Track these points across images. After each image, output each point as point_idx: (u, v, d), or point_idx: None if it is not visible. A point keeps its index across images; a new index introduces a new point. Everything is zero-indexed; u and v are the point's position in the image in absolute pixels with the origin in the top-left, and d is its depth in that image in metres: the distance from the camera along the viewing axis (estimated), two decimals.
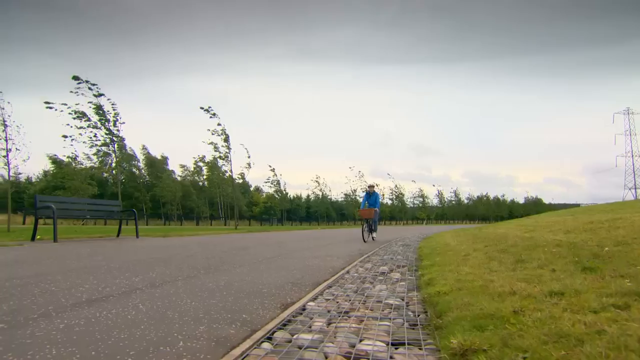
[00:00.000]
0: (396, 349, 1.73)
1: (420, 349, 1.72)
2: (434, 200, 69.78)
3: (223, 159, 18.19)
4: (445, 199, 71.78)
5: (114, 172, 14.16)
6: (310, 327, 2.01)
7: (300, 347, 1.70)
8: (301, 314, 2.31)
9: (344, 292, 3.04)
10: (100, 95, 11.12)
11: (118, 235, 8.83)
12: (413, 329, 2.02)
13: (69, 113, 10.97)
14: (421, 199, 65.34)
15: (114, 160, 12.83)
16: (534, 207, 79.29)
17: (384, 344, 1.76)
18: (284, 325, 2.04)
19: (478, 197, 78.73)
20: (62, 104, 10.91)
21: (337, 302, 2.65)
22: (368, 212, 10.01)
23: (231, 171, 18.54)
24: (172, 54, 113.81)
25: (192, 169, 43.20)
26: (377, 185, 18.38)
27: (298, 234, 14.29)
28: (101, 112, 11.26)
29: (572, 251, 3.49)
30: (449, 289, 2.63)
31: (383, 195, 56.12)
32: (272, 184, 38.43)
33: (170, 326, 1.92)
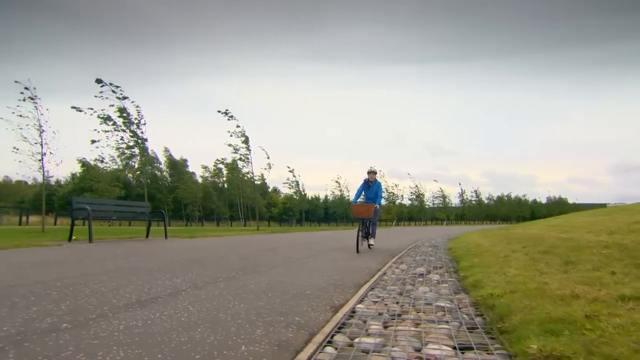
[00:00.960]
0: (463, 353, 1.66)
1: (489, 353, 1.64)
2: (454, 201, 68.60)
3: (243, 161, 18.36)
4: (466, 199, 70.47)
5: (139, 173, 14.49)
6: (367, 330, 1.96)
7: (365, 352, 1.66)
8: (352, 316, 2.27)
9: (389, 294, 2.98)
10: (125, 98, 11.38)
11: (147, 236, 9.00)
12: (474, 332, 1.95)
13: (98, 117, 11.24)
14: (442, 199, 64.33)
15: (138, 162, 13.06)
16: (557, 207, 76.79)
17: (450, 348, 1.70)
18: (340, 328, 2.00)
19: (499, 197, 76.92)
20: (89, 108, 11.22)
21: (386, 305, 2.59)
22: (365, 210, 6.67)
23: (252, 172, 18.73)
24: (188, 58, 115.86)
25: (212, 171, 43.86)
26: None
27: (321, 234, 14.26)
28: (125, 114, 11.47)
29: (626, 253, 3.32)
30: (501, 292, 2.53)
31: (401, 196, 55.34)
32: (291, 184, 38.54)
33: (226, 329, 1.91)
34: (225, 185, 43.22)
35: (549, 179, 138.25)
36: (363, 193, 7.29)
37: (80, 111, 11.11)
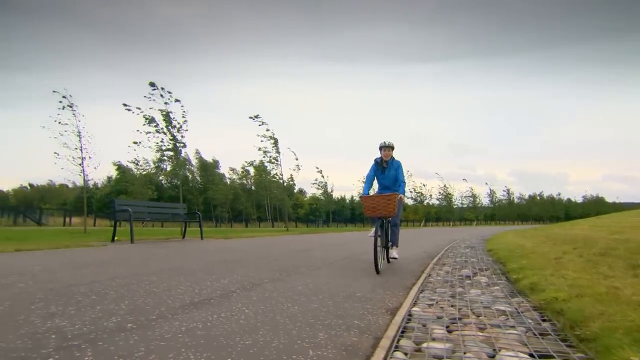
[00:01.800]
0: None
1: None
2: (484, 200, 66.49)
3: (272, 163, 18.55)
4: (497, 199, 68.11)
5: (173, 175, 14.91)
6: (432, 335, 1.89)
7: (437, 358, 1.58)
8: (410, 320, 2.20)
9: (440, 296, 2.88)
10: (177, 101, 11.77)
11: (183, 237, 9.22)
12: (546, 338, 1.84)
13: (143, 117, 11.68)
14: (471, 199, 62.55)
15: (171, 165, 13.44)
16: (595, 206, 72.83)
17: (527, 356, 1.60)
18: (403, 332, 1.94)
19: (530, 196, 73.84)
20: (137, 107, 11.68)
21: (442, 308, 2.51)
22: (384, 203, 4.17)
23: (281, 174, 18.88)
24: (215, 62, 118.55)
25: (241, 173, 44.56)
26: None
27: (350, 235, 14.17)
28: (168, 118, 11.85)
29: None
30: (566, 296, 2.39)
31: (429, 196, 54.06)
32: (319, 185, 38.54)
33: (287, 332, 1.88)
34: (253, 187, 43.83)
35: (582, 177, 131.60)
36: (375, 180, 4.92)
37: (130, 109, 11.57)
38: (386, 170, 4.82)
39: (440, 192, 54.67)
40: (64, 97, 11.59)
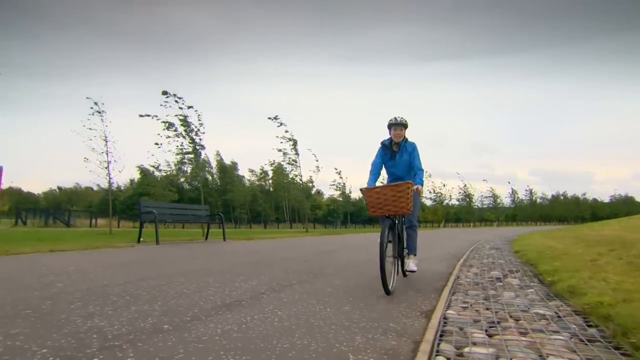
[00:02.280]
0: None
1: None
2: (505, 200, 64.87)
3: (291, 164, 18.64)
4: (518, 198, 66.31)
5: (193, 177, 15.20)
6: (472, 339, 1.83)
7: None
8: (446, 323, 2.14)
9: (474, 299, 2.81)
10: (190, 107, 12.07)
11: (206, 238, 9.34)
12: (596, 345, 1.75)
13: (161, 122, 12.00)
14: (492, 199, 61.19)
15: (191, 169, 13.70)
16: (624, 206, 70.00)
17: None
18: (441, 336, 1.88)
19: (553, 196, 71.59)
20: (154, 115, 12.00)
21: (477, 311, 2.43)
22: (393, 197, 3.17)
23: (300, 175, 18.96)
24: (233, 65, 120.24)
25: (259, 174, 45.02)
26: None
27: (371, 237, 14.07)
28: (186, 122, 12.10)
29: None
30: (611, 300, 2.28)
31: (449, 196, 53.00)
32: (337, 186, 38.47)
33: (324, 335, 1.86)
34: (271, 189, 44.17)
35: (608, 176, 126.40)
36: (383, 168, 3.89)
37: (148, 116, 11.90)
38: (397, 155, 3.73)
39: (460, 192, 53.78)
40: (95, 103, 12.02)
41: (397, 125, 3.69)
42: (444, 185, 51.40)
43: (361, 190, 3.36)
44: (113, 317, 2.09)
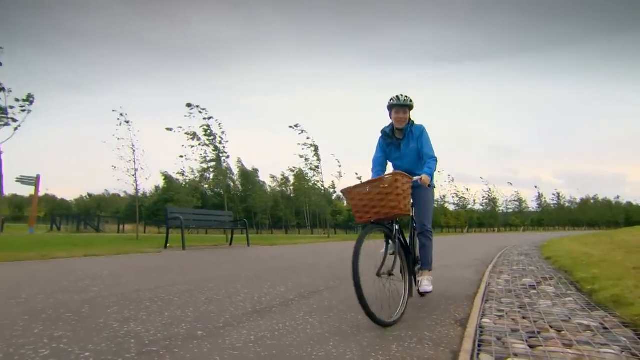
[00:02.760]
0: None
1: None
2: (531, 205, 62.72)
3: (313, 170, 18.66)
4: (545, 202, 63.94)
5: (216, 184, 15.46)
6: (512, 350, 1.76)
7: None
8: (483, 332, 2.07)
9: (509, 307, 2.71)
10: (210, 117, 12.42)
11: (230, 244, 9.45)
12: None
13: (185, 133, 12.33)
14: (517, 204, 59.30)
15: (214, 175, 13.96)
16: None
17: None
18: (480, 346, 1.82)
19: (582, 200, 68.67)
20: (179, 127, 12.37)
21: (513, 320, 2.34)
22: (378, 195, 2.43)
23: (322, 181, 18.95)
24: (254, 73, 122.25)
25: (280, 180, 45.44)
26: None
27: None
28: (209, 131, 12.39)
29: None
30: None
31: (473, 201, 51.67)
32: None
33: (359, 344, 1.83)
34: (292, 194, 44.43)
35: None
36: (385, 156, 3.14)
37: (171, 130, 12.25)
38: (402, 143, 2.97)
39: (484, 197, 52.45)
40: (121, 114, 12.48)
41: (399, 107, 2.89)
42: (467, 190, 50.21)
43: (342, 192, 2.68)
44: (148, 322, 2.12)
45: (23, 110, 6.81)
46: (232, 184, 39.64)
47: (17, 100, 6.79)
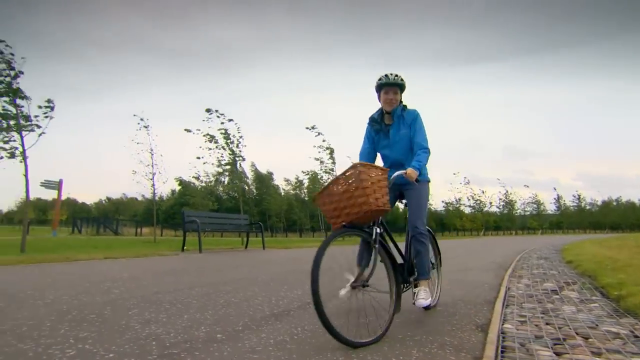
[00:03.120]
0: None
1: None
2: (550, 207, 61.07)
3: (328, 173, 18.67)
4: (565, 205, 62.16)
5: (231, 187, 15.66)
6: (537, 357, 1.71)
7: None
8: (505, 338, 2.02)
9: (531, 313, 2.64)
10: (230, 120, 12.59)
11: (246, 247, 9.52)
12: None
13: (203, 135, 12.54)
14: (535, 206, 57.92)
15: (234, 177, 14.10)
16: None
17: None
18: (503, 352, 1.78)
19: (604, 202, 66.50)
20: (197, 129, 12.58)
21: (536, 326, 2.29)
22: (346, 194, 2.09)
23: None
24: (267, 77, 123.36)
25: (294, 184, 45.51)
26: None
27: None
28: (227, 135, 12.57)
29: None
30: None
31: (489, 203, 50.68)
32: None
33: (379, 349, 1.81)
34: (306, 198, 44.49)
35: None
36: (371, 145, 2.76)
37: (190, 131, 12.46)
38: (391, 129, 2.58)
39: (500, 199, 51.48)
40: (141, 119, 12.77)
41: (389, 87, 2.52)
42: (484, 192, 49.36)
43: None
44: (168, 324, 2.15)
45: (46, 117, 7.03)
46: (246, 187, 40.00)
47: (39, 107, 7.01)
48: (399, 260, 2.40)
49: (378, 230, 2.17)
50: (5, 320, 2.13)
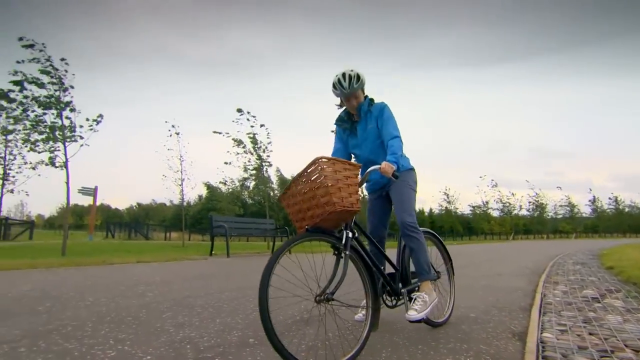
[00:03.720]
0: None
1: None
2: (584, 209, 58.28)
3: None
4: (601, 207, 59.07)
5: (261, 193, 15.81)
6: None
7: None
8: (544, 348, 1.94)
9: (571, 322, 2.52)
10: (262, 126, 12.85)
11: (272, 251, 9.60)
12: None
13: (232, 139, 12.83)
14: (569, 209, 55.47)
15: (259, 182, 14.30)
16: None
17: None
18: None
19: None
20: (226, 132, 12.89)
21: (579, 336, 2.18)
22: (309, 193, 1.86)
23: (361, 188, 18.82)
24: (290, 82, 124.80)
25: None
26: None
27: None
28: (255, 140, 12.79)
29: None
30: None
31: (519, 206, 48.79)
32: None
33: (412, 356, 1.78)
34: None
35: None
36: (340, 141, 2.54)
37: (220, 133, 12.80)
38: (358, 127, 2.40)
39: (530, 202, 49.67)
40: (172, 126, 13.22)
41: (345, 95, 2.29)
42: (513, 194, 47.82)
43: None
44: (201, 328, 2.19)
45: (91, 129, 7.43)
46: (271, 192, 40.44)
47: (87, 119, 7.42)
48: (389, 269, 2.22)
49: (350, 234, 1.89)
50: (52, 320, 2.25)
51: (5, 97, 6.95)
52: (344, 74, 2.25)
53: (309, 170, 1.81)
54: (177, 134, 13.10)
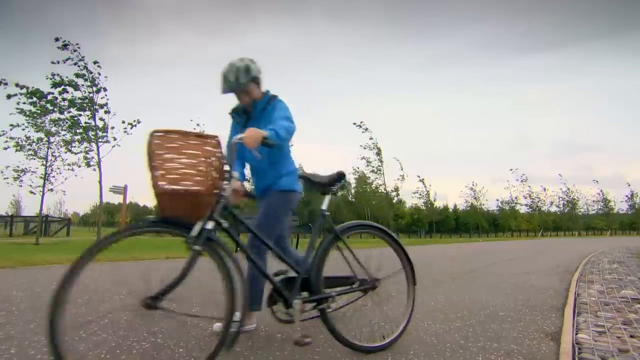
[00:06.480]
0: None
1: None
2: (620, 205, 55.28)
3: (375, 173, 18.53)
4: (638, 203, 55.91)
5: None
6: None
7: None
8: (581, 350, 1.87)
9: (610, 323, 2.42)
10: None
11: (296, 247, 9.68)
12: None
13: None
14: (602, 204, 52.87)
15: None
16: None
17: None
18: None
19: None
20: None
21: (618, 338, 2.09)
22: (163, 168, 1.41)
23: (385, 184, 18.71)
24: (314, 80, 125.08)
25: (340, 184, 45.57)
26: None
27: (461, 247, 13.21)
28: None
29: None
30: None
31: (550, 202, 46.89)
32: (421, 195, 36.98)
33: (441, 354, 1.76)
34: (352, 199, 44.37)
35: None
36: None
37: None
38: (249, 126, 1.93)
39: (560, 197, 47.77)
40: (197, 125, 13.59)
41: (232, 90, 2.01)
42: (545, 190, 46.08)
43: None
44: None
45: (125, 131, 7.71)
46: None
47: (123, 122, 7.71)
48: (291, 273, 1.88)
49: (208, 226, 1.51)
50: (91, 312, 2.36)
51: (46, 99, 7.28)
52: (230, 65, 1.96)
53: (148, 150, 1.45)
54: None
